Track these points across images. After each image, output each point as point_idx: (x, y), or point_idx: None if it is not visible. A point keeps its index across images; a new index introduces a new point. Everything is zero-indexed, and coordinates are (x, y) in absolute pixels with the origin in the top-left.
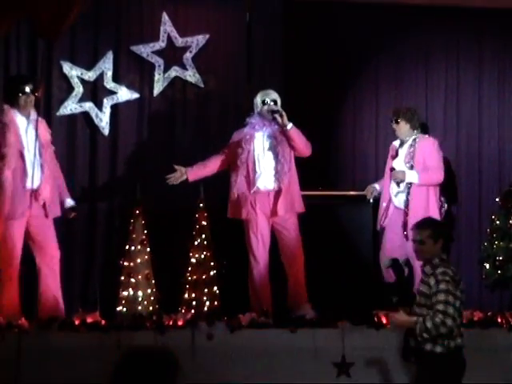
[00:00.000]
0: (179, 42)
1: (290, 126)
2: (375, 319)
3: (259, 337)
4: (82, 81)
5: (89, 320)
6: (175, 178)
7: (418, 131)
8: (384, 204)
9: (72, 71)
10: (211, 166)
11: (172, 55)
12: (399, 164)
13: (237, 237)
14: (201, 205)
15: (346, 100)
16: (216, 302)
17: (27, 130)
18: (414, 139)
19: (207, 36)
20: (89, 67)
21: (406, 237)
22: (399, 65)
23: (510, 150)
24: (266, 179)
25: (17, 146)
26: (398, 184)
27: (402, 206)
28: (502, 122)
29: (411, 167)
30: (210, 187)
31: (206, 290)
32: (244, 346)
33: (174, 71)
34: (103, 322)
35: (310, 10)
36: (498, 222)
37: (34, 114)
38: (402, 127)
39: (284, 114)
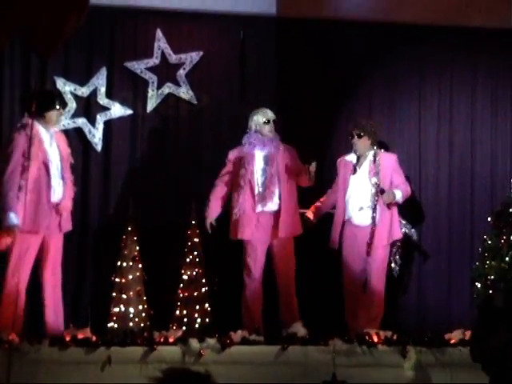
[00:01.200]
0: (173, 58)
1: (311, 181)
2: (366, 337)
3: (250, 354)
4: (76, 97)
5: (80, 336)
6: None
7: (375, 147)
8: (339, 222)
9: (65, 87)
10: (225, 198)
11: (165, 72)
12: (362, 180)
13: (229, 254)
14: (193, 222)
15: (339, 119)
16: (207, 319)
17: (51, 143)
18: (374, 155)
19: (201, 53)
20: (82, 83)
21: (369, 253)
22: (393, 84)
23: (502, 170)
24: (266, 199)
25: (42, 160)
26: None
27: (364, 223)
28: (494, 142)
29: (375, 184)
30: (202, 204)
31: (197, 307)
32: (235, 363)
33: (168, 88)
34: (94, 338)
35: (304, 28)
36: (489, 242)
37: (56, 128)
38: (364, 142)
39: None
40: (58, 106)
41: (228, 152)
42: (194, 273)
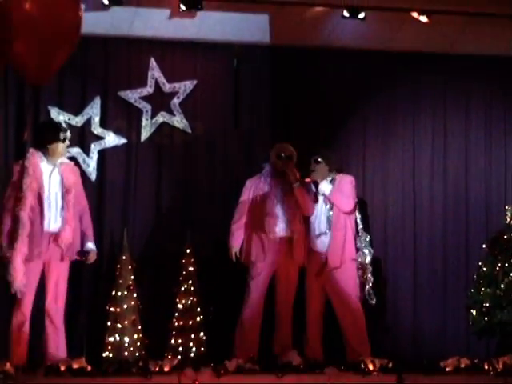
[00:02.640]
0: (167, 87)
1: (296, 184)
2: (362, 365)
3: (246, 383)
4: (70, 126)
5: (75, 366)
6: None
7: (334, 173)
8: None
9: (59, 116)
10: (244, 226)
11: (159, 101)
12: (321, 206)
13: (224, 283)
14: (188, 250)
15: (333, 144)
16: (202, 348)
17: (51, 174)
18: (332, 179)
19: (195, 82)
20: (76, 112)
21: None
22: (387, 112)
23: (496, 197)
24: (279, 226)
25: (35, 190)
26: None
27: (323, 249)
28: (488, 169)
29: (331, 208)
30: (196, 233)
31: (192, 336)
32: None
33: (162, 117)
34: (89, 367)
35: (298, 56)
36: (484, 269)
37: (62, 159)
38: (322, 168)
39: (294, 171)
40: (62, 137)
41: (245, 181)
42: (189, 302)
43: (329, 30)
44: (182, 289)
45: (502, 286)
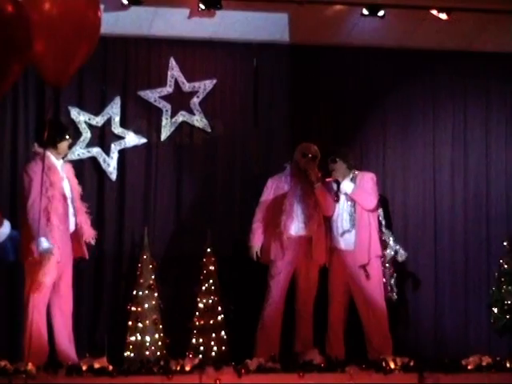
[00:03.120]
0: (186, 86)
1: (317, 184)
2: (383, 364)
3: (267, 382)
4: (90, 126)
5: (96, 365)
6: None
7: (353, 170)
8: None
9: (80, 117)
10: (265, 225)
11: (179, 100)
12: (344, 204)
13: (244, 282)
14: (208, 250)
15: (353, 143)
16: (224, 347)
17: (62, 173)
18: (353, 177)
19: (214, 81)
20: (96, 112)
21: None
22: (406, 110)
23: None
24: (297, 225)
25: (59, 189)
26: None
27: (348, 247)
28: (509, 165)
29: (353, 206)
30: (217, 232)
31: (213, 335)
32: None
33: (182, 116)
34: (111, 367)
35: (317, 55)
36: (505, 266)
37: (63, 159)
38: (340, 167)
39: (315, 171)
40: (68, 137)
41: (266, 180)
42: (210, 301)
43: (348, 28)
44: (203, 288)
45: None
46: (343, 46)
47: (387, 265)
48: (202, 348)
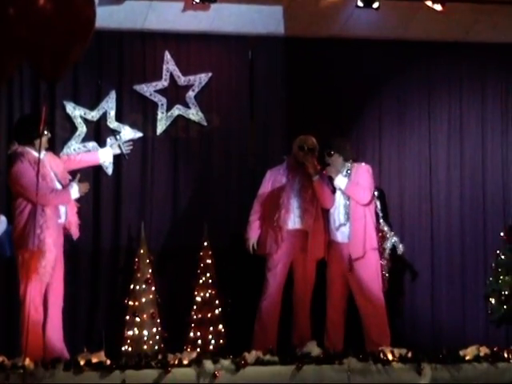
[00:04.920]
0: (182, 80)
1: (316, 177)
2: (381, 355)
3: (265, 374)
4: (86, 120)
5: (94, 360)
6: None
7: (350, 162)
8: None
9: (75, 111)
10: (262, 218)
11: (175, 94)
12: (339, 197)
13: (242, 275)
14: (205, 243)
15: (349, 135)
16: (221, 341)
17: (48, 166)
18: (348, 169)
19: (210, 74)
20: (92, 107)
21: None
22: (402, 101)
23: None
24: (293, 219)
25: (50, 182)
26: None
27: (344, 240)
28: (505, 159)
29: (348, 199)
30: (214, 225)
31: (211, 329)
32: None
33: (177, 110)
34: (108, 361)
35: (312, 47)
36: (502, 257)
37: (44, 152)
38: (336, 160)
39: (314, 164)
40: (46, 132)
41: (263, 172)
42: (208, 294)
43: (343, 20)
44: (200, 281)
45: None
46: (338, 38)
47: (387, 257)
48: (199, 341)
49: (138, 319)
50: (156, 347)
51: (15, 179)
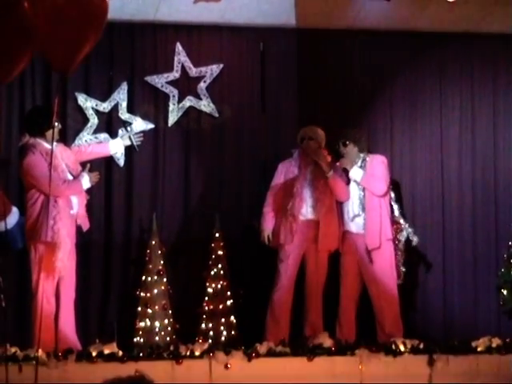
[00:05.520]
0: (193, 71)
1: (330, 174)
2: (393, 346)
3: (277, 366)
4: (97, 112)
5: (106, 351)
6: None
7: (364, 153)
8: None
9: (87, 103)
10: (276, 209)
11: (186, 85)
12: (353, 188)
13: (254, 266)
14: (217, 234)
15: (360, 126)
16: (233, 332)
17: (59, 157)
18: (363, 160)
19: (221, 65)
20: (103, 98)
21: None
22: (413, 92)
23: None
24: (306, 209)
25: (62, 172)
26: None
27: (359, 230)
28: None
29: (363, 190)
30: (225, 216)
31: (223, 320)
32: (261, 375)
33: (189, 101)
34: (120, 353)
35: (324, 38)
36: None
37: (55, 143)
38: (351, 150)
39: (325, 160)
40: (56, 123)
41: (275, 164)
42: (219, 286)
43: (354, 11)
44: (212, 273)
45: None
46: (350, 30)
47: (401, 248)
48: (211, 333)
49: (149, 310)
50: (168, 338)
51: (27, 171)
